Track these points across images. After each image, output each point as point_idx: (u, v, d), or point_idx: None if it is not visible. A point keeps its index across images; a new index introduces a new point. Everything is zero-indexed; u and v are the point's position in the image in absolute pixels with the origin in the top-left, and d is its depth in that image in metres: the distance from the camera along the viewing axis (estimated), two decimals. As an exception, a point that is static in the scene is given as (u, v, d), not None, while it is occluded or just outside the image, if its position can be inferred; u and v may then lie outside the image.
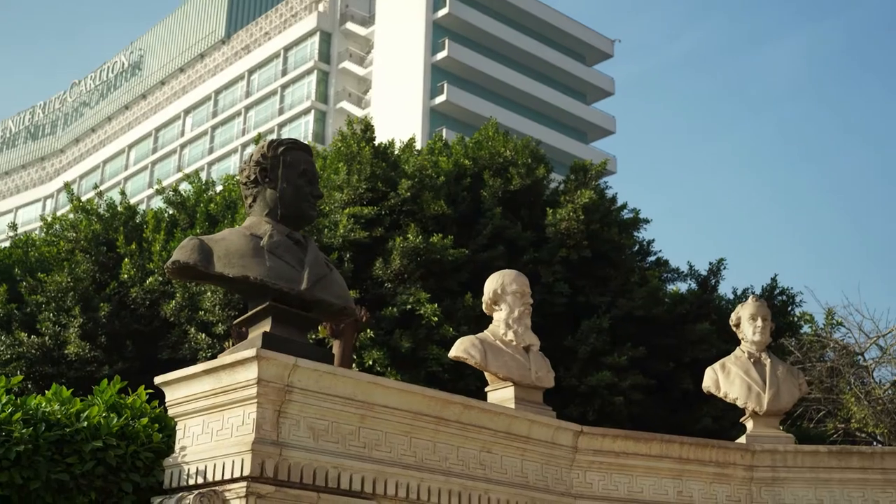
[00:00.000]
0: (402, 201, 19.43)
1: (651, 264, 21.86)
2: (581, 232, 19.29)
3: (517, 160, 20.73)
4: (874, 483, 9.01)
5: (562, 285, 18.82)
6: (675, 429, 16.76)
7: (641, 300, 19.13)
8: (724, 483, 8.98)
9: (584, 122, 65.52)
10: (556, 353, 18.18)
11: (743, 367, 9.55)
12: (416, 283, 18.27)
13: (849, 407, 27.05)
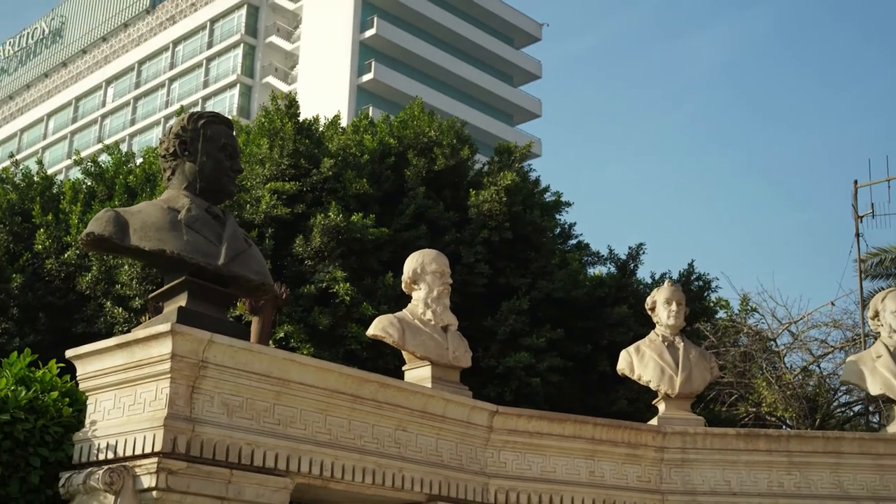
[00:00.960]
0: (324, 178, 19.34)
1: (572, 247, 22.07)
2: (503, 214, 19.39)
3: (442, 140, 20.73)
4: (779, 465, 9.23)
5: (482, 266, 18.91)
6: (591, 410, 16.99)
7: (561, 283, 19.31)
8: (635, 464, 9.13)
9: (510, 104, 65.76)
10: (475, 334, 18.29)
11: (657, 351, 9.70)
12: (337, 261, 18.21)
13: (760, 391, 27.75)
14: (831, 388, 27.95)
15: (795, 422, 26.61)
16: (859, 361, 9.91)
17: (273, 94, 22.49)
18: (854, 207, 27.35)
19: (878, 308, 9.97)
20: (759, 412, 27.34)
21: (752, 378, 27.84)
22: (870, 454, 9.24)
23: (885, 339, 9.82)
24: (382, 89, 58.83)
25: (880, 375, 9.61)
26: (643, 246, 21.42)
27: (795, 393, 27.24)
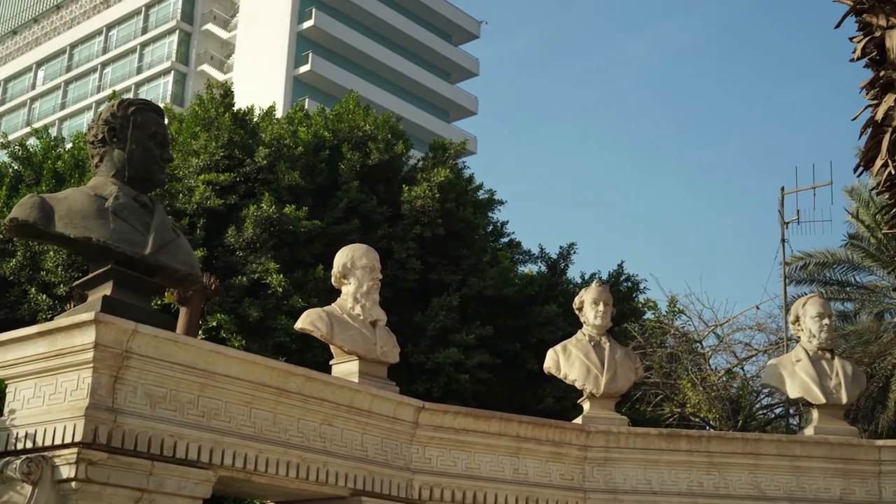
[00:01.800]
0: (258, 169, 19.21)
1: (503, 245, 22.18)
2: (436, 210, 19.43)
3: (377, 135, 20.72)
4: (699, 465, 9.38)
5: (414, 262, 18.94)
6: (518, 408, 17.12)
7: (492, 280, 19.41)
8: (559, 462, 9.21)
9: (447, 100, 65.82)
10: (405, 329, 18.31)
11: (583, 350, 9.80)
12: (268, 252, 18.11)
13: (685, 392, 28.14)
14: (754, 390, 28.45)
15: (718, 423, 27.03)
16: (780, 365, 10.10)
17: (208, 82, 22.27)
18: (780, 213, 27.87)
19: (799, 313, 10.18)
20: (684, 413, 27.73)
21: (678, 379, 28.23)
22: (787, 456, 9.44)
23: (805, 344, 10.03)
24: (319, 81, 58.50)
25: (799, 379, 9.81)
26: (574, 246, 21.62)
27: (719, 394, 27.68)
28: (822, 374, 9.81)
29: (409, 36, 63.97)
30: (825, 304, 10.13)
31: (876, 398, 27.04)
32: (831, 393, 9.74)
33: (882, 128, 13.82)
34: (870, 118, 14.14)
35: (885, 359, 26.97)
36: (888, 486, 9.42)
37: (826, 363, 9.90)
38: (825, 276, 31.05)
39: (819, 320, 9.97)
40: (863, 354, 27.29)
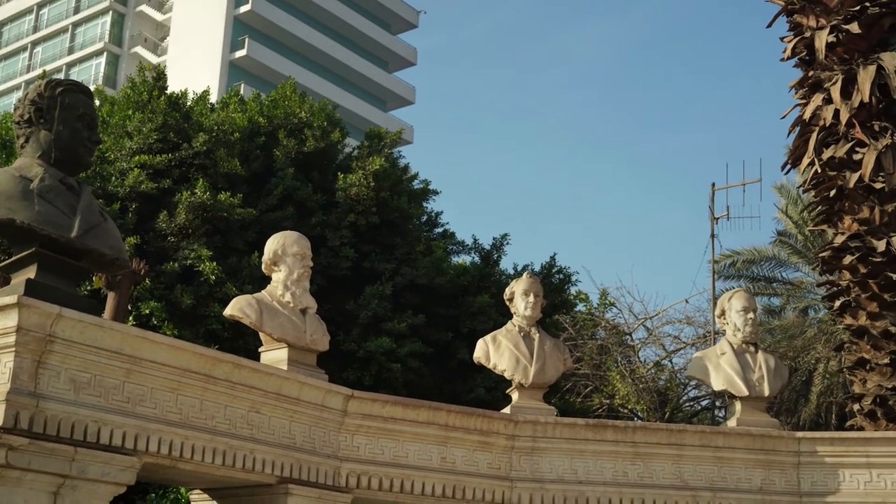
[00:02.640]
0: (193, 154, 19.01)
1: (437, 235, 22.23)
2: (370, 199, 19.40)
3: (313, 122, 20.61)
4: (625, 456, 9.51)
5: (347, 250, 18.90)
6: (449, 397, 17.19)
7: (425, 270, 19.44)
8: (486, 451, 9.28)
9: (384, 89, 65.67)
10: (337, 317, 18.29)
11: (513, 341, 9.87)
12: (201, 239, 17.95)
13: (614, 384, 28.46)
14: (682, 382, 28.86)
15: (646, 414, 27.39)
16: (705, 357, 10.27)
17: (140, 64, 21.96)
18: (711, 209, 28.31)
19: (725, 307, 10.35)
20: (613, 404, 28.04)
21: (608, 371, 28.53)
22: (710, 447, 9.60)
23: (730, 338, 10.20)
24: (255, 67, 57.99)
25: (723, 372, 9.98)
26: (507, 237, 21.74)
27: (647, 386, 28.04)
28: (745, 367, 9.99)
29: (347, 23, 63.68)
30: (750, 299, 10.31)
31: (799, 392, 27.62)
32: (754, 386, 9.92)
33: (810, 126, 14.11)
34: (798, 117, 14.44)
35: (808, 353, 27.53)
36: (806, 476, 9.63)
37: (750, 356, 10.08)
38: (753, 271, 31.63)
39: (744, 314, 10.14)
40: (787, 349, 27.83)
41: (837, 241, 13.52)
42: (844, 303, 13.49)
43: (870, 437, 9.90)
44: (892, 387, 12.70)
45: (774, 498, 9.57)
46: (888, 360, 12.81)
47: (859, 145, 13.37)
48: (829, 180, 13.75)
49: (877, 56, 13.49)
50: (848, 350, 13.63)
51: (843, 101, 13.45)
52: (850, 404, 13.67)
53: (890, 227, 13.32)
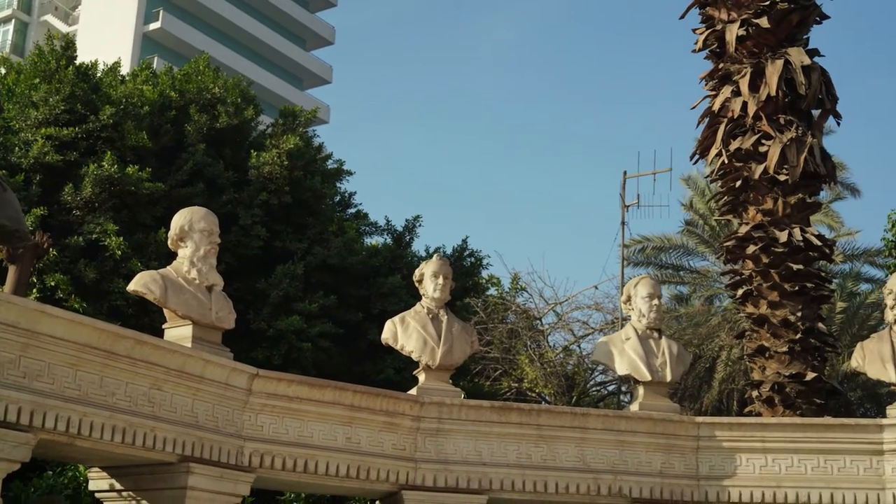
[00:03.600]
0: (101, 127, 18.61)
1: (350, 216, 22.14)
2: (283, 177, 19.23)
3: (226, 98, 20.34)
4: (529, 438, 9.60)
5: (259, 229, 18.72)
6: (358, 378, 17.13)
7: (337, 250, 19.35)
8: (392, 432, 9.29)
9: (301, 67, 64.97)
10: (247, 296, 18.12)
11: (421, 322, 9.88)
12: (107, 213, 17.60)
13: (523, 367, 28.75)
14: (589, 367, 29.27)
15: (554, 398, 27.73)
16: (610, 342, 10.40)
17: (49, 33, 21.39)
18: (622, 197, 28.69)
19: (631, 293, 10.49)
20: (521, 388, 28.33)
21: (517, 355, 28.79)
22: (612, 430, 9.74)
23: (635, 323, 10.35)
24: (169, 40, 56.89)
25: (627, 357, 10.13)
26: (420, 219, 21.74)
27: (556, 371, 28.38)
28: (649, 352, 10.15)
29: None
30: (655, 286, 10.46)
31: (702, 378, 28.19)
32: (657, 371, 10.08)
33: (718, 118, 14.39)
34: (708, 108, 14.71)
35: (713, 341, 28.11)
36: (705, 460, 9.83)
37: (653, 342, 10.24)
38: (662, 259, 32.14)
39: (649, 301, 10.29)
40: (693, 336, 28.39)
41: (742, 231, 13.83)
42: (747, 291, 13.81)
43: (766, 423, 10.16)
44: (789, 374, 13.05)
45: (673, 481, 9.76)
46: (787, 349, 13.16)
47: (765, 138, 13.68)
48: (736, 171, 14.04)
49: (784, 51, 13.81)
50: (749, 338, 13.96)
51: (751, 93, 13.74)
52: (749, 391, 14.01)
53: (792, 219, 13.67)
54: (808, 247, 13.46)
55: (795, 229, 13.41)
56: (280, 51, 62.98)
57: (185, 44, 55.91)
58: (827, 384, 13.50)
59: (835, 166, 14.39)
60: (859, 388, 27.62)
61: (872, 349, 9.94)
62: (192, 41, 55.71)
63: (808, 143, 13.48)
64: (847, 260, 31.28)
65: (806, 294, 13.41)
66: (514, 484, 9.46)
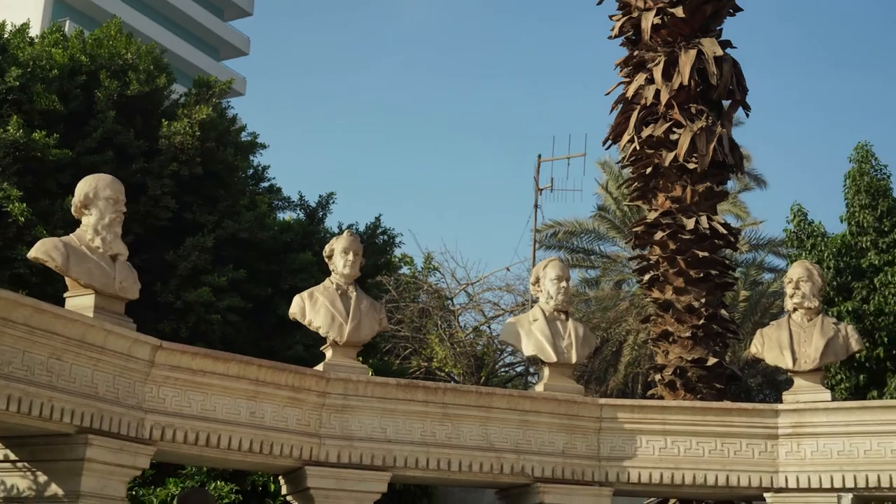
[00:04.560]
0: (7, 90, 18.09)
1: (263, 190, 21.90)
2: (195, 148, 18.91)
3: (138, 65, 19.91)
4: (434, 416, 9.64)
5: (169, 199, 18.40)
6: (266, 353, 16.97)
7: (248, 224, 19.14)
8: (296, 407, 9.25)
9: (217, 37, 63.89)
10: (155, 268, 17.82)
11: (329, 298, 9.84)
12: (11, 178, 17.14)
13: (433, 347, 28.89)
14: (498, 348, 29.52)
15: (462, 378, 27.92)
16: (517, 323, 10.50)
17: (-46, -9, 20.71)
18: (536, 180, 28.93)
19: (540, 275, 10.59)
20: (431, 367, 28.46)
21: (427, 334, 28.90)
22: (517, 410, 9.84)
23: (543, 305, 10.45)
24: (82, 4, 55.44)
25: (534, 338, 10.23)
26: (334, 196, 21.63)
27: (465, 351, 28.56)
28: (555, 334, 10.26)
29: (181, -34, 61.62)
30: (564, 268, 10.57)
31: (609, 362, 28.66)
32: (563, 352, 10.21)
33: (632, 105, 14.56)
34: (621, 95, 14.88)
35: (620, 325, 28.58)
36: (606, 441, 10.00)
37: (560, 324, 10.36)
38: (573, 243, 32.54)
39: (557, 283, 10.40)
40: (601, 320, 28.82)
41: (650, 217, 14.04)
42: (653, 277, 14.04)
43: (667, 406, 10.36)
44: (691, 359, 13.31)
45: (575, 461, 9.91)
46: (690, 334, 13.42)
47: (676, 126, 13.89)
48: (647, 158, 14.24)
49: (698, 41, 14.03)
50: (653, 322, 14.19)
51: (664, 82, 13.93)
52: (652, 374, 14.27)
53: (700, 207, 13.92)
54: (714, 235, 13.73)
55: (702, 217, 13.67)
56: (196, 19, 61.85)
57: (98, 8, 54.59)
58: (727, 370, 13.81)
59: (742, 157, 14.68)
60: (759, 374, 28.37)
61: (771, 336, 10.20)
62: (105, 5, 54.40)
63: (718, 132, 13.73)
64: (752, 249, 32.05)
65: (710, 281, 13.69)
66: (418, 461, 9.50)
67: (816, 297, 10.12)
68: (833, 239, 20.49)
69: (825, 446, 9.61)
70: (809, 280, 10.13)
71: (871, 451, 9.41)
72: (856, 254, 20.13)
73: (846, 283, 19.90)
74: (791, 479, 9.64)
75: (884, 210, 20.14)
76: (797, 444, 9.70)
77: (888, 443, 9.36)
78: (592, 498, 9.84)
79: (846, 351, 10.10)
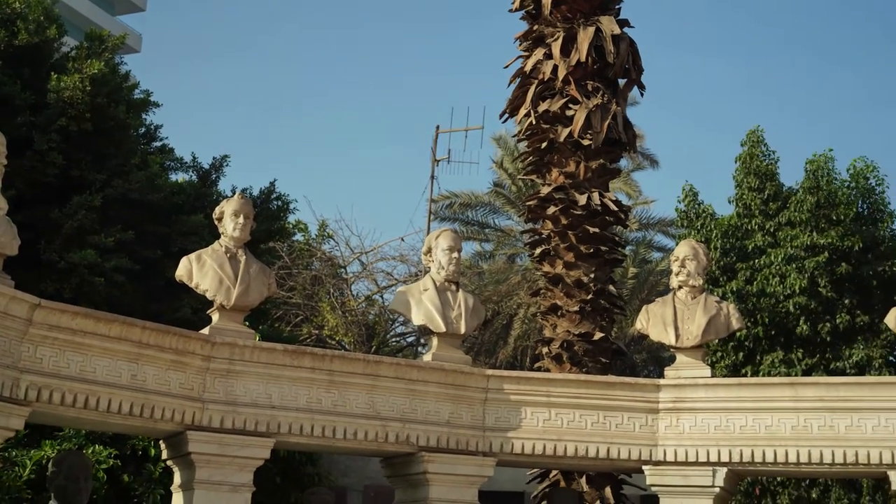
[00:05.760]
0: None
1: (155, 149, 21.42)
2: (85, 103, 18.37)
3: (28, 15, 19.23)
4: (320, 383, 9.57)
5: (56, 155, 17.84)
6: (153, 316, 16.59)
7: (138, 184, 18.70)
8: (180, 370, 9.08)
9: (113, -9, 62.26)
10: (39, 225, 17.30)
11: (218, 261, 9.69)
12: None
13: (325, 315, 28.77)
14: (390, 318, 29.55)
15: (353, 346, 27.88)
16: (408, 292, 10.49)
17: None
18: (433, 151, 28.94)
19: (432, 245, 10.59)
20: (322, 335, 28.35)
21: (319, 302, 28.75)
22: (404, 379, 9.83)
23: (434, 275, 10.46)
24: (-29, -51, 53.43)
25: (424, 307, 10.23)
26: (228, 158, 21.27)
27: (357, 320, 28.50)
28: (445, 304, 10.28)
29: (78, -84, 59.68)
30: (456, 239, 10.58)
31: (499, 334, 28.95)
32: (452, 323, 10.24)
33: (529, 79, 14.63)
34: (520, 69, 14.94)
35: (511, 298, 28.88)
36: (491, 412, 10.07)
37: (451, 294, 10.38)
38: (468, 215, 32.73)
39: (449, 253, 10.41)
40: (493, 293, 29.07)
41: (544, 192, 14.17)
42: (544, 251, 14.18)
43: (552, 378, 10.49)
44: (578, 333, 13.51)
45: (460, 431, 9.96)
46: (578, 308, 13.61)
47: (573, 102, 14.02)
48: (543, 133, 14.35)
49: (597, 18, 14.16)
50: (543, 296, 14.36)
51: (562, 57, 14.03)
52: (540, 347, 14.44)
53: (592, 183, 14.09)
54: (606, 211, 13.92)
55: (594, 193, 13.84)
56: (91, -29, 60.09)
57: (-12, -45, 52.61)
58: (613, 344, 14.05)
59: (635, 135, 14.90)
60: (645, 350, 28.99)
61: (656, 312, 10.38)
62: (-4, -47, 52.46)
63: (613, 110, 13.90)
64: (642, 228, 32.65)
65: (600, 257, 13.89)
66: (303, 428, 9.43)
67: (701, 276, 10.32)
68: (721, 220, 20.97)
69: (703, 421, 9.83)
70: (695, 259, 10.32)
71: (746, 427, 9.67)
72: (742, 235, 20.63)
73: (731, 264, 20.40)
74: (669, 452, 9.85)
75: (770, 194, 20.68)
76: (676, 419, 9.90)
77: (762, 419, 9.62)
78: (476, 468, 9.91)
79: (727, 329, 10.33)
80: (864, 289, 19.77)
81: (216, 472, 9.09)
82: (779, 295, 19.30)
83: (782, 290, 19.23)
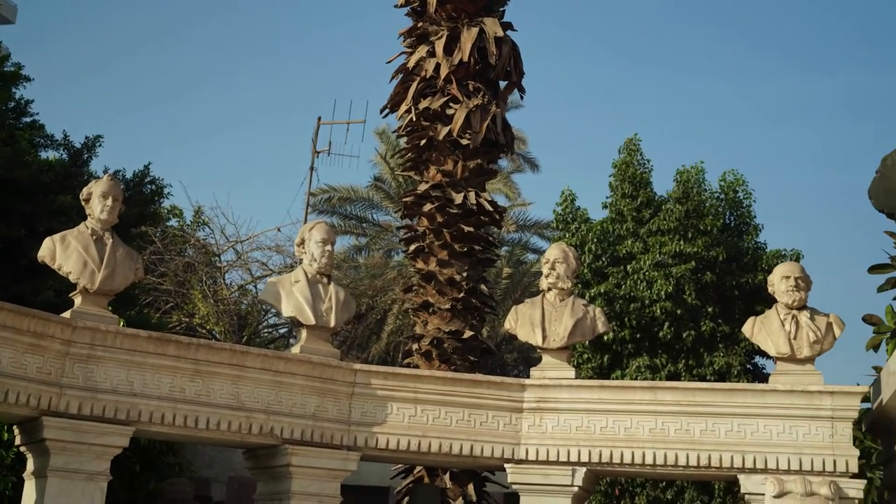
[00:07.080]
0: None
1: (24, 125, 20.72)
2: (-50, 73, 17.70)
3: None
4: (185, 372, 9.41)
5: (-84, 126, 17.15)
6: (15, 298, 16.03)
7: (4, 160, 18.07)
8: (38, 354, 8.82)
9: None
10: None
11: (83, 243, 9.45)
12: None
13: (196, 303, 28.27)
14: (263, 309, 29.22)
15: (224, 336, 27.47)
16: (279, 283, 10.40)
17: None
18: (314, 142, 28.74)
19: (306, 237, 10.53)
20: (192, 323, 27.86)
21: (191, 289, 28.26)
22: (270, 370, 9.73)
23: (306, 267, 10.40)
24: None
25: (294, 299, 10.16)
26: (101, 138, 20.69)
27: (229, 309, 28.11)
28: (316, 296, 10.23)
29: None
30: (330, 232, 10.54)
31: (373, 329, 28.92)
32: (322, 315, 10.19)
33: (412, 76, 14.67)
34: (403, 65, 14.97)
35: (387, 294, 28.88)
36: (358, 406, 10.06)
37: (322, 287, 10.33)
38: (347, 209, 32.60)
39: (322, 246, 10.36)
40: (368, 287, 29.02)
41: (421, 189, 14.23)
42: (419, 248, 14.24)
43: (420, 375, 10.52)
44: (449, 330, 13.61)
45: (325, 424, 9.91)
46: (449, 306, 13.71)
47: (454, 101, 14.11)
48: (422, 130, 14.40)
49: (481, 20, 14.28)
50: (415, 293, 14.41)
51: (445, 56, 14.11)
52: (410, 344, 14.49)
53: (469, 182, 14.21)
54: (481, 211, 14.05)
55: (471, 193, 13.96)
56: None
57: None
58: (483, 343, 14.20)
59: (514, 137, 15.08)
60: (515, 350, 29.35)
61: (525, 313, 10.51)
62: None
63: (493, 111, 14.04)
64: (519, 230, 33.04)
65: (473, 256, 14.01)
66: (165, 417, 9.26)
67: (570, 279, 10.48)
68: (594, 225, 21.36)
69: (565, 422, 10.00)
70: (564, 262, 10.48)
71: (606, 429, 9.88)
72: (614, 240, 21.06)
73: (603, 268, 20.81)
74: (531, 451, 9.98)
75: (643, 201, 21.17)
76: (540, 419, 10.05)
77: (622, 421, 9.84)
78: (339, 462, 9.88)
79: (593, 332, 10.53)
80: (727, 298, 20.40)
81: (72, 459, 8.85)
82: (646, 299, 19.76)
83: (650, 295, 19.69)
